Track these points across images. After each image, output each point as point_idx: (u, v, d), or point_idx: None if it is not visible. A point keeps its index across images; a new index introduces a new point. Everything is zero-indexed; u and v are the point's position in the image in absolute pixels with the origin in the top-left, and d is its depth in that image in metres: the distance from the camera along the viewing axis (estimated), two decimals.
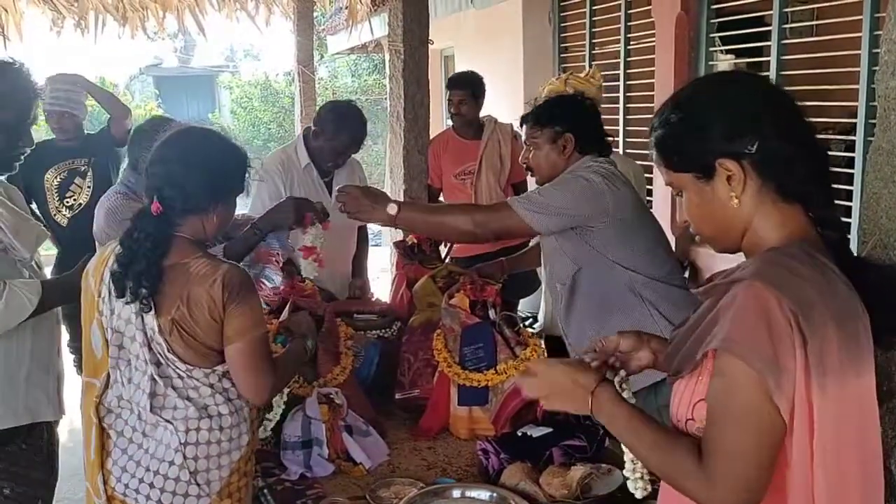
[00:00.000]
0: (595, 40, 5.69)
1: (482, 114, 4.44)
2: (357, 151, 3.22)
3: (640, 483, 1.44)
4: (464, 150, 4.33)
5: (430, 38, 4.03)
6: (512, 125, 4.39)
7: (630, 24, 5.23)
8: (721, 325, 1.11)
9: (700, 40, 4.62)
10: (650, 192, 4.55)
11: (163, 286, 1.71)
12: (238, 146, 1.89)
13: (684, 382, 1.22)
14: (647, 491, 1.45)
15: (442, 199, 4.44)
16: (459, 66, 7.12)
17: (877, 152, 1.78)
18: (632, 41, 5.24)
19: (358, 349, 2.53)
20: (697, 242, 4.70)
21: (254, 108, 17.22)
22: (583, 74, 3.54)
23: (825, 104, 3.67)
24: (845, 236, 1.22)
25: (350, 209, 2.29)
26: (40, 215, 3.78)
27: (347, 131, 3.10)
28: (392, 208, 2.24)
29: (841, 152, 3.77)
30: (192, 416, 1.73)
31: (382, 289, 3.37)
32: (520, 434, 2.17)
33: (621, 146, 5.20)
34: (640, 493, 1.45)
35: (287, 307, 2.41)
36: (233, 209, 1.92)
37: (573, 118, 2.41)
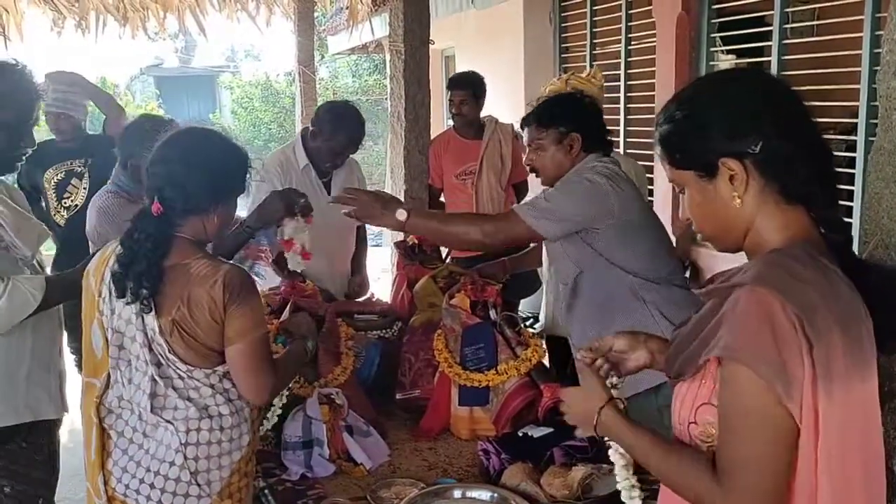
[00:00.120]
0: (596, 40, 5.68)
1: (483, 114, 4.44)
2: (355, 151, 3.22)
3: (635, 492, 1.44)
4: (465, 150, 4.33)
5: (431, 38, 4.02)
6: (513, 125, 4.39)
7: (631, 24, 5.22)
8: (724, 331, 1.10)
9: (701, 40, 4.62)
10: (651, 192, 4.54)
11: (163, 287, 1.71)
12: (239, 146, 1.89)
13: (686, 385, 1.21)
14: (641, 498, 1.45)
15: (443, 198, 4.44)
16: (460, 67, 7.12)
17: (878, 152, 1.78)
18: (633, 41, 5.24)
19: (359, 349, 2.53)
20: (699, 242, 4.70)
21: (254, 109, 17.24)
22: (584, 74, 3.53)
23: (826, 104, 3.66)
24: (849, 238, 1.20)
25: (359, 213, 2.29)
26: (42, 215, 3.81)
27: (345, 132, 3.09)
28: (401, 214, 2.24)
29: (842, 152, 3.77)
30: (192, 416, 1.73)
31: (383, 289, 3.37)
32: (521, 434, 2.17)
33: (622, 146, 5.19)
34: (638, 502, 1.46)
35: (287, 308, 2.41)
36: (233, 210, 1.92)
37: (578, 117, 2.40)
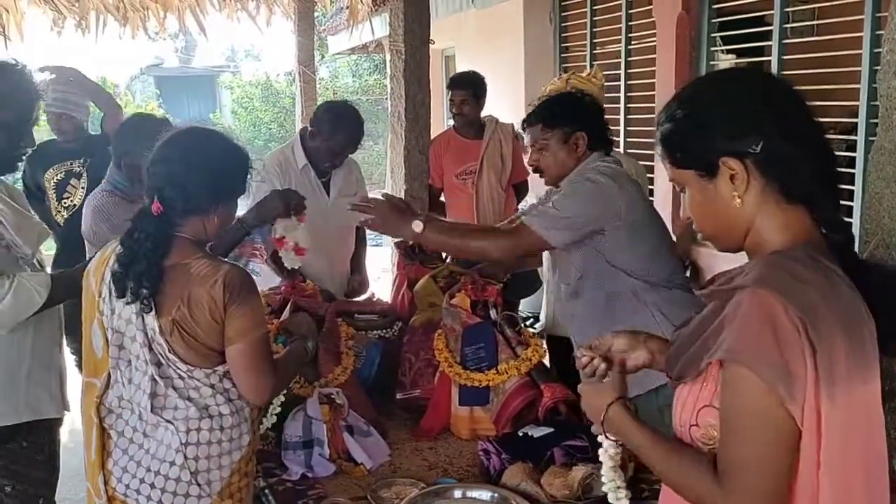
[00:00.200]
0: (596, 40, 5.68)
1: (483, 114, 4.44)
2: (354, 151, 3.22)
3: (621, 493, 1.46)
4: (465, 149, 4.33)
5: (431, 38, 4.02)
6: (513, 125, 4.39)
7: (631, 23, 5.23)
8: (726, 334, 1.10)
9: (701, 40, 4.62)
10: (651, 191, 4.54)
11: (163, 286, 1.71)
12: (240, 147, 1.89)
13: (688, 388, 1.20)
14: (629, 498, 1.47)
15: (443, 198, 4.44)
16: (460, 66, 7.12)
17: (879, 152, 1.78)
18: (633, 41, 5.24)
19: (359, 349, 2.53)
20: (699, 241, 4.69)
21: (255, 109, 17.25)
22: (584, 74, 3.54)
23: (826, 104, 3.66)
24: (850, 239, 1.20)
25: (377, 223, 2.33)
26: (46, 214, 3.84)
27: (344, 131, 3.10)
28: (417, 226, 2.26)
29: (842, 152, 3.77)
30: (192, 416, 1.73)
31: (383, 289, 3.37)
32: (521, 434, 2.17)
33: (622, 146, 5.19)
34: (625, 502, 1.47)
35: (288, 307, 2.41)
36: (234, 210, 1.92)
37: (582, 116, 2.41)
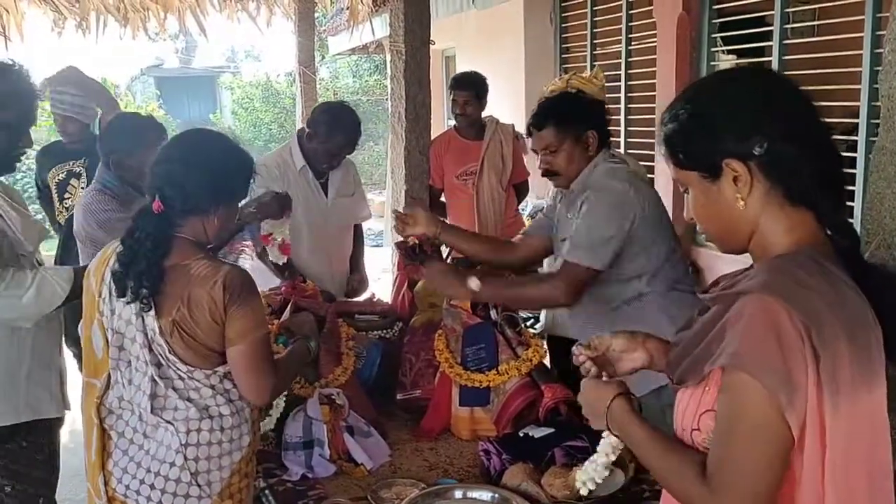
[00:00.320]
0: (596, 41, 5.69)
1: (484, 114, 4.44)
2: (352, 152, 3.23)
3: (591, 485, 1.59)
4: (466, 150, 4.33)
5: (432, 38, 4.02)
6: (513, 125, 4.39)
7: (631, 24, 5.23)
8: (729, 340, 1.09)
9: (701, 40, 4.62)
10: None
11: (164, 287, 1.71)
12: (242, 150, 1.88)
13: (689, 392, 1.20)
14: (590, 488, 1.60)
15: (444, 199, 4.44)
16: (461, 67, 7.13)
17: (880, 152, 1.78)
18: (633, 41, 5.24)
19: (360, 350, 2.53)
20: (699, 242, 4.70)
21: (255, 109, 17.25)
22: (585, 75, 3.54)
23: (827, 104, 3.66)
24: (857, 243, 1.18)
25: (436, 285, 2.47)
26: (52, 214, 3.96)
27: (341, 132, 3.10)
28: (474, 284, 2.30)
29: (843, 152, 3.77)
30: (192, 416, 1.73)
31: (384, 289, 3.37)
32: (522, 435, 2.17)
33: (623, 146, 5.19)
34: (585, 490, 1.62)
35: (288, 308, 2.41)
36: (234, 212, 1.92)
37: (591, 115, 2.43)
